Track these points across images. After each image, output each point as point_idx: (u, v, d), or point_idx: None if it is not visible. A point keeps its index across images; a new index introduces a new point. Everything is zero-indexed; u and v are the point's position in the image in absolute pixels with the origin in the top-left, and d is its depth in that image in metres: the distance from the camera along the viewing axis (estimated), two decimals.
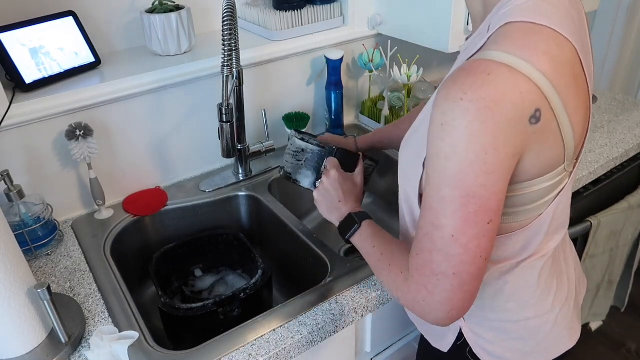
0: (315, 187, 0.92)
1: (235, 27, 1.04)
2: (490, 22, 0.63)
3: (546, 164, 0.62)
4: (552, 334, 0.80)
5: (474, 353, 0.81)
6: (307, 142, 0.99)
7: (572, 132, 0.61)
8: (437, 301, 0.61)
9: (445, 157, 0.57)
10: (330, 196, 0.87)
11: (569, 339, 0.83)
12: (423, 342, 0.93)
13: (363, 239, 0.79)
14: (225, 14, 0.96)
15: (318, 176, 1.00)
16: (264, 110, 1.27)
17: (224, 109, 1.05)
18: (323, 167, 0.93)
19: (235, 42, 1.08)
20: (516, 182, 0.62)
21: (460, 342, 0.81)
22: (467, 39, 0.76)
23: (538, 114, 0.57)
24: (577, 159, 0.68)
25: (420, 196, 0.69)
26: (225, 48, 0.98)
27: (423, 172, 0.66)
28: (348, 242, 0.82)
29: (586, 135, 0.68)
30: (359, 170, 0.94)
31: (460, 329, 0.81)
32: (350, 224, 0.82)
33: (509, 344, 0.79)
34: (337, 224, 0.85)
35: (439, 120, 0.57)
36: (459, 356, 0.83)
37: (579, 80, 0.61)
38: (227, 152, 1.09)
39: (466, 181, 0.57)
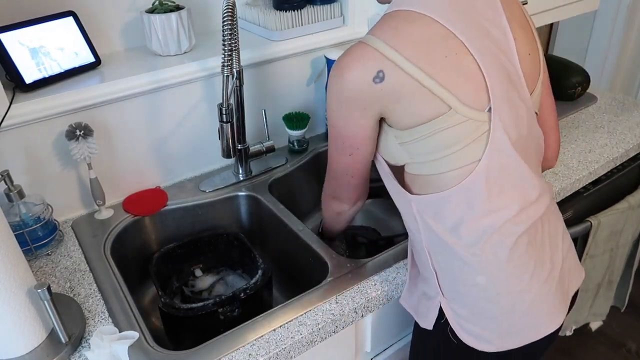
0: None
1: (235, 27, 1.04)
2: (384, 12, 0.79)
3: (423, 112, 0.73)
4: (529, 315, 0.81)
5: (454, 332, 0.83)
6: None
7: (434, 81, 0.71)
8: (330, 191, 0.96)
9: (329, 114, 0.82)
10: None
11: (549, 324, 0.83)
12: (415, 329, 0.96)
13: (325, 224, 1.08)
14: (225, 14, 0.96)
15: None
16: (264, 110, 1.27)
17: (224, 109, 1.05)
18: None
19: (235, 42, 1.08)
20: (401, 129, 0.77)
21: (443, 320, 0.85)
22: None
23: (381, 74, 0.72)
24: (490, 106, 0.74)
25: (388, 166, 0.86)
26: (226, 48, 0.98)
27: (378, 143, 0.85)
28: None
29: (487, 86, 0.74)
30: None
31: (440, 305, 0.84)
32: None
33: (485, 322, 0.81)
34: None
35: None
36: (443, 335, 0.86)
37: (434, 41, 0.73)
38: (227, 152, 1.09)
39: (333, 123, 0.82)
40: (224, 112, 1.05)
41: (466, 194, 0.76)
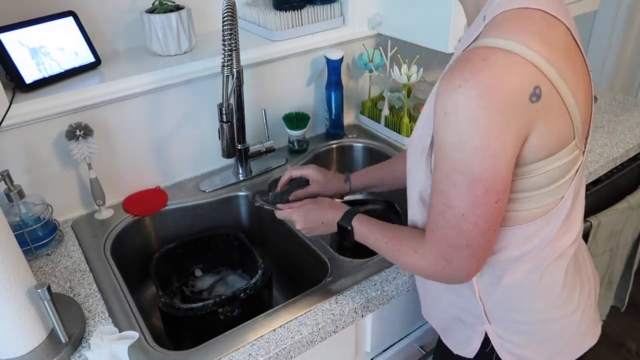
0: None
1: (235, 27, 1.04)
2: (485, 14, 0.65)
3: (556, 141, 0.63)
4: (578, 333, 0.80)
5: (500, 358, 0.79)
6: (261, 207, 0.99)
7: (576, 105, 0.62)
8: (455, 267, 0.68)
9: (451, 146, 0.60)
10: (315, 225, 0.90)
11: (592, 336, 0.83)
12: (441, 350, 0.91)
13: (362, 237, 0.84)
14: (226, 14, 0.96)
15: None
16: (264, 110, 1.27)
17: (224, 109, 1.05)
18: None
19: (235, 42, 1.08)
20: (529, 164, 0.64)
21: (488, 349, 0.80)
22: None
23: (538, 91, 0.58)
24: (586, 138, 0.68)
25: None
26: (226, 48, 0.98)
27: (430, 165, 0.69)
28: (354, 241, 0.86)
29: (591, 112, 0.68)
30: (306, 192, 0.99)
31: (486, 333, 0.79)
32: (344, 232, 0.86)
33: (537, 346, 0.78)
34: (338, 235, 0.88)
35: (442, 109, 0.60)
36: None
37: (575, 57, 0.63)
38: (227, 152, 1.09)
39: (472, 166, 0.60)
40: (224, 112, 1.05)
41: (543, 228, 0.70)
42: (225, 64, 1.00)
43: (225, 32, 0.97)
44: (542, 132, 0.61)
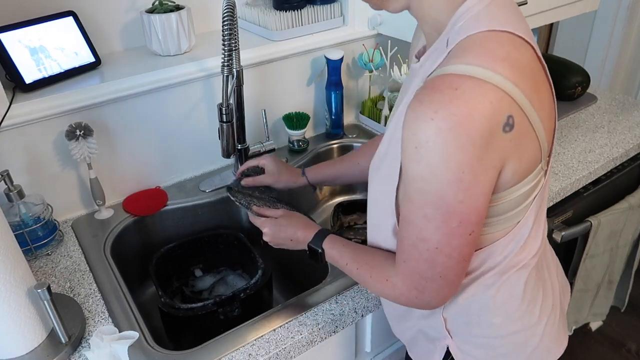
0: None
1: (235, 27, 1.04)
2: (447, 37, 0.62)
3: (527, 166, 0.62)
4: (541, 346, 0.79)
5: None
6: (234, 201, 0.98)
7: (543, 129, 0.61)
8: (428, 297, 0.66)
9: (422, 180, 0.58)
10: (284, 242, 0.89)
11: (557, 349, 0.82)
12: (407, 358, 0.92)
13: (332, 259, 0.82)
14: (225, 14, 0.96)
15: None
16: (264, 110, 1.27)
17: (224, 109, 1.05)
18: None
19: (235, 42, 1.08)
20: (501, 191, 0.63)
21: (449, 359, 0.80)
22: (416, 57, 0.75)
23: (511, 121, 0.57)
24: (549, 156, 0.68)
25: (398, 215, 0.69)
26: (225, 48, 0.98)
27: (397, 195, 0.68)
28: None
29: (554, 129, 0.68)
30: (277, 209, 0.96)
31: (447, 347, 0.79)
32: (314, 254, 0.84)
33: None
34: (308, 256, 0.86)
35: (412, 142, 0.57)
36: None
37: (538, 77, 0.62)
38: (227, 152, 1.09)
39: (446, 200, 0.58)
40: (224, 112, 1.05)
41: (505, 248, 0.70)
42: (225, 64, 1.00)
43: (225, 32, 0.97)
44: (516, 159, 0.60)
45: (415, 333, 0.84)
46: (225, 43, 0.98)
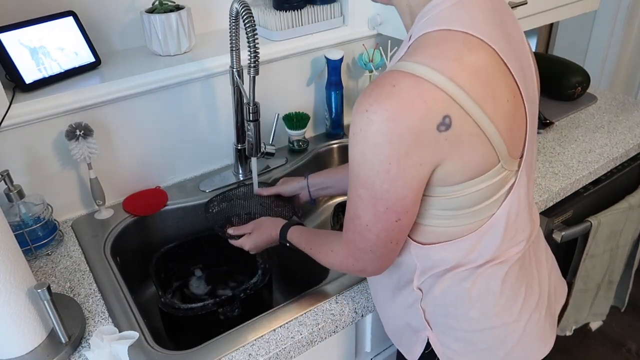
0: None
1: (255, 26, 1.03)
2: (412, 33, 0.65)
3: (476, 166, 0.63)
4: (521, 343, 0.78)
5: None
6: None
7: (496, 129, 0.61)
8: (362, 265, 0.73)
9: (357, 163, 0.63)
10: (266, 246, 0.99)
11: (541, 349, 0.82)
12: (399, 355, 0.93)
13: (298, 247, 0.91)
14: (245, 14, 0.96)
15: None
16: (277, 114, 1.24)
17: (251, 107, 1.06)
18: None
19: (257, 41, 1.08)
20: (448, 185, 0.65)
21: (428, 351, 0.81)
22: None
23: (447, 120, 0.58)
24: (521, 158, 0.68)
25: None
26: (251, 49, 0.98)
27: None
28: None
29: (526, 132, 0.68)
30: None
31: (428, 339, 0.80)
32: (284, 247, 0.95)
33: (477, 355, 0.79)
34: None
35: (352, 129, 0.62)
36: None
37: (497, 80, 0.62)
38: (255, 151, 1.12)
39: (374, 185, 0.63)
40: (251, 112, 1.07)
41: (478, 242, 0.71)
42: (252, 65, 1.00)
43: (249, 32, 0.96)
44: (456, 158, 0.61)
45: (402, 325, 0.86)
46: (251, 44, 0.97)
